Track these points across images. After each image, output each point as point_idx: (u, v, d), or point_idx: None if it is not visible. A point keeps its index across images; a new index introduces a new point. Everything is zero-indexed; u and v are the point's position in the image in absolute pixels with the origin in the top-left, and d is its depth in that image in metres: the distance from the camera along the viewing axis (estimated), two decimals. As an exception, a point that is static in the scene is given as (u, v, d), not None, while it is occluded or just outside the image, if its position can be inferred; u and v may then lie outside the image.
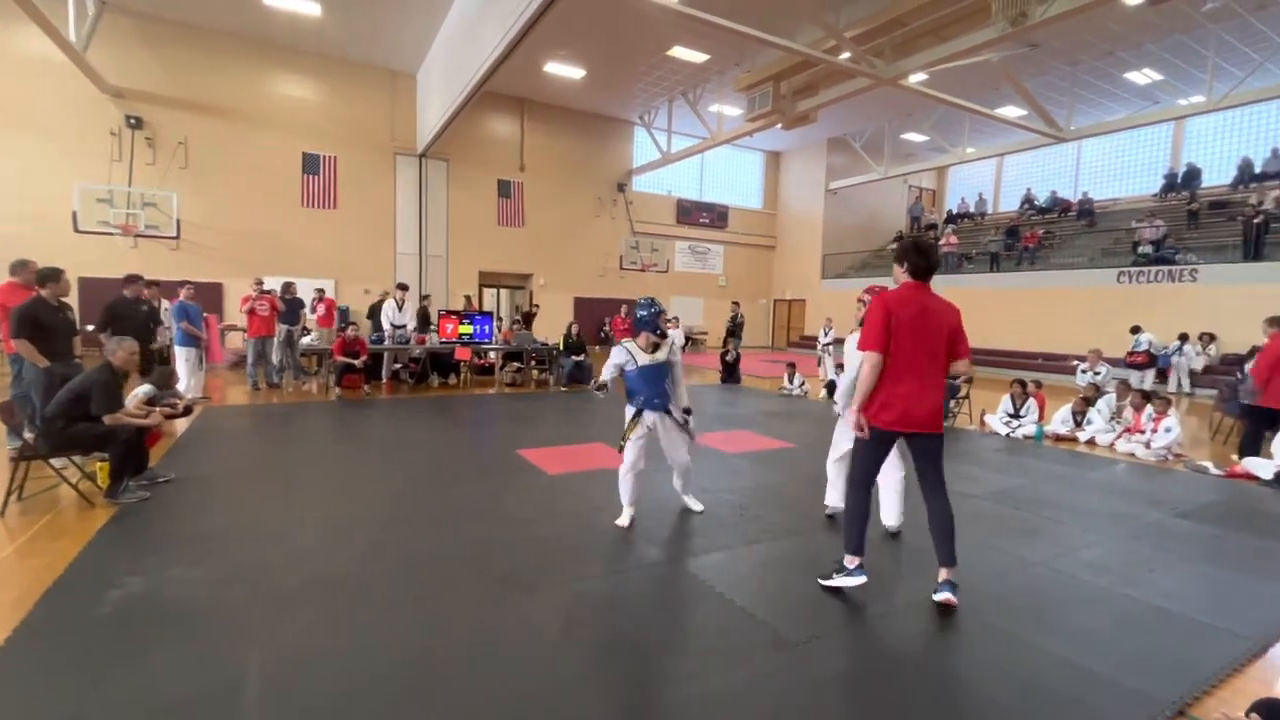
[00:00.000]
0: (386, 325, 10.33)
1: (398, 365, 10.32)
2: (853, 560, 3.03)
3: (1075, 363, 10.75)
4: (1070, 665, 2.49)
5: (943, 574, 2.89)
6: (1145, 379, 10.82)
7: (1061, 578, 3.38)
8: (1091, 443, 7.11)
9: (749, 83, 13.35)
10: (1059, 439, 7.33)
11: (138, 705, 2.07)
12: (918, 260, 2.91)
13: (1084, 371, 9.47)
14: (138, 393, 4.79)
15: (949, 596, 2.83)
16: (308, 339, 10.31)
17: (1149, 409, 6.79)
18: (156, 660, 2.32)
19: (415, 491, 4.67)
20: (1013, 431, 7.41)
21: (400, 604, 2.84)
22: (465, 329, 10.38)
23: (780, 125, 14.17)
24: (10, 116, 11.89)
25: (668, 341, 3.93)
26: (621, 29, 12.50)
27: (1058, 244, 16.99)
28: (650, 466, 4.08)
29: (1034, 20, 8.74)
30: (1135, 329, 11.71)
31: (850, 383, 3.73)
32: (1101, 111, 16.33)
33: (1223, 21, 11.81)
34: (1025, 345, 14.94)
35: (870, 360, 2.84)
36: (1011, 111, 15.35)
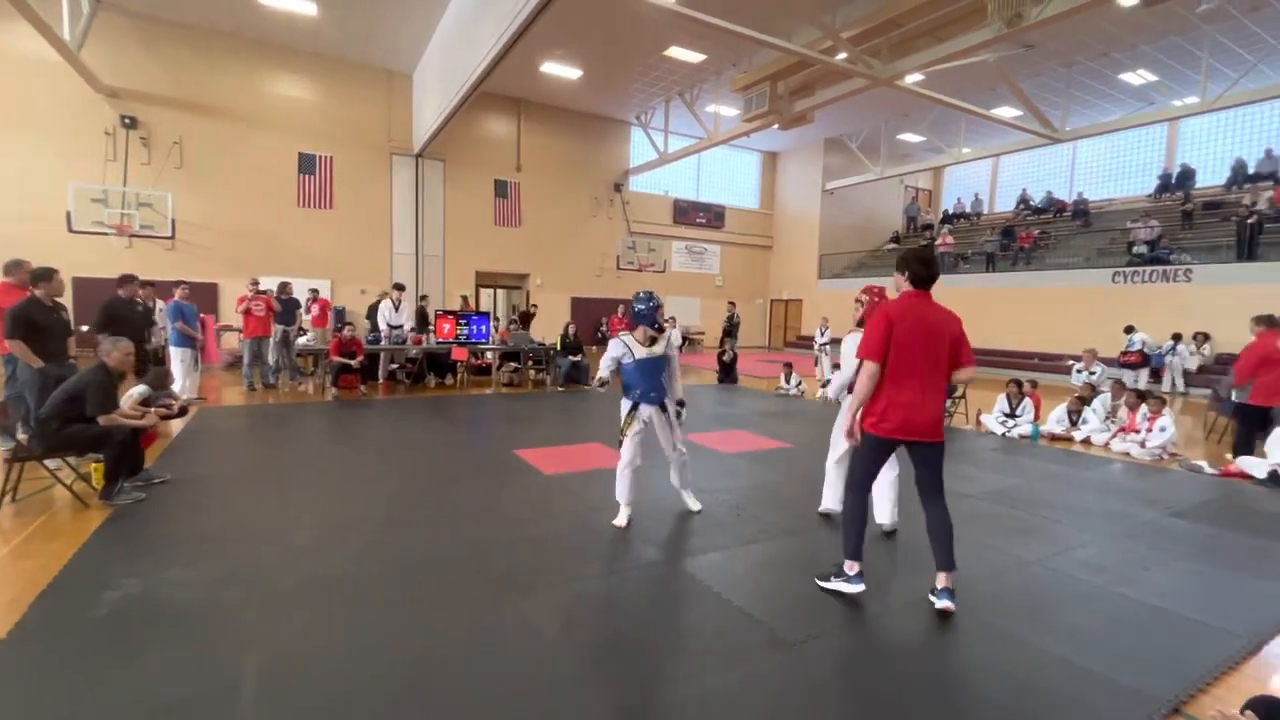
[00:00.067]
0: (383, 325, 10.31)
1: (394, 365, 10.30)
2: (853, 566, 3.01)
3: (1071, 362, 10.80)
4: (1066, 664, 2.50)
5: (941, 580, 2.89)
6: (1139, 379, 10.88)
7: (1057, 577, 3.39)
8: (1087, 442, 7.14)
9: (746, 83, 13.36)
10: (1054, 438, 7.35)
11: (134, 707, 2.06)
12: (919, 270, 2.92)
13: (1079, 371, 9.51)
14: (132, 393, 4.76)
15: (948, 604, 2.83)
16: (304, 339, 10.29)
17: (1144, 408, 6.82)
18: (153, 662, 2.31)
19: (412, 492, 4.66)
20: (1008, 431, 7.43)
21: (397, 604, 2.83)
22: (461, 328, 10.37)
23: (777, 125, 14.18)
24: (4, 116, 11.84)
25: (665, 335, 3.95)
26: (618, 29, 12.50)
27: (1053, 244, 17.04)
28: (647, 464, 4.09)
29: (1029, 21, 8.77)
30: (1129, 329, 11.77)
31: (845, 379, 3.80)
32: (1096, 112, 16.40)
33: (1217, 23, 11.86)
34: (1021, 345, 15.00)
35: (867, 369, 2.86)
36: (1007, 112, 15.40)
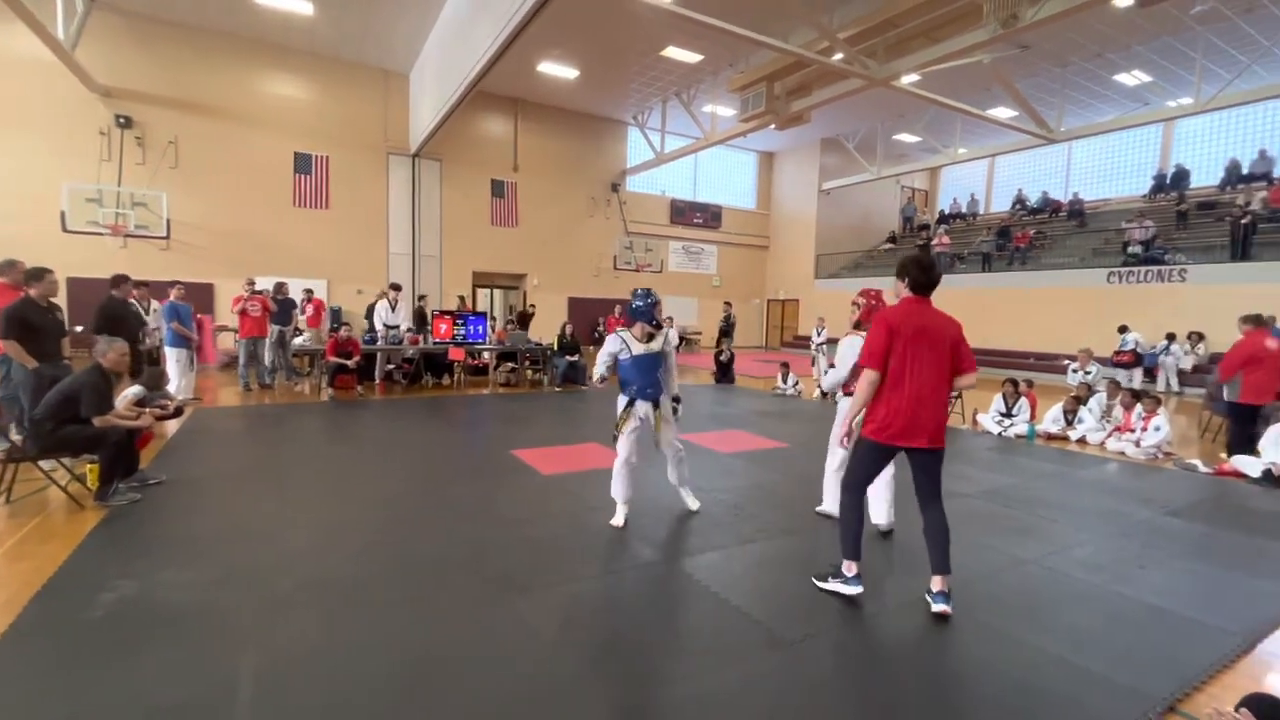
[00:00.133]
0: (379, 325, 10.29)
1: (391, 366, 10.28)
2: (850, 567, 3.02)
3: (1066, 362, 10.84)
4: (1063, 663, 2.51)
5: (937, 583, 2.88)
6: (1133, 378, 10.93)
7: (1054, 576, 3.40)
8: (1082, 441, 7.16)
9: (742, 83, 13.36)
10: (1050, 438, 7.37)
11: (130, 709, 2.06)
12: (919, 276, 2.93)
13: (1075, 371, 9.55)
14: (127, 394, 4.74)
15: (945, 608, 2.83)
16: (300, 339, 10.26)
17: (1139, 408, 6.86)
18: (149, 663, 2.30)
19: (409, 492, 4.65)
20: (1005, 430, 7.46)
21: (395, 605, 2.82)
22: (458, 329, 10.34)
23: (773, 126, 14.18)
24: (-2, 115, 11.77)
25: (662, 332, 3.96)
26: (615, 29, 12.50)
27: (1049, 244, 17.10)
28: (643, 463, 4.09)
29: (1025, 22, 8.79)
30: (1123, 328, 11.84)
31: (839, 379, 3.89)
32: (1092, 113, 16.46)
33: (1211, 24, 11.91)
34: (1017, 345, 15.03)
35: (867, 377, 2.88)
36: (1003, 112, 15.44)
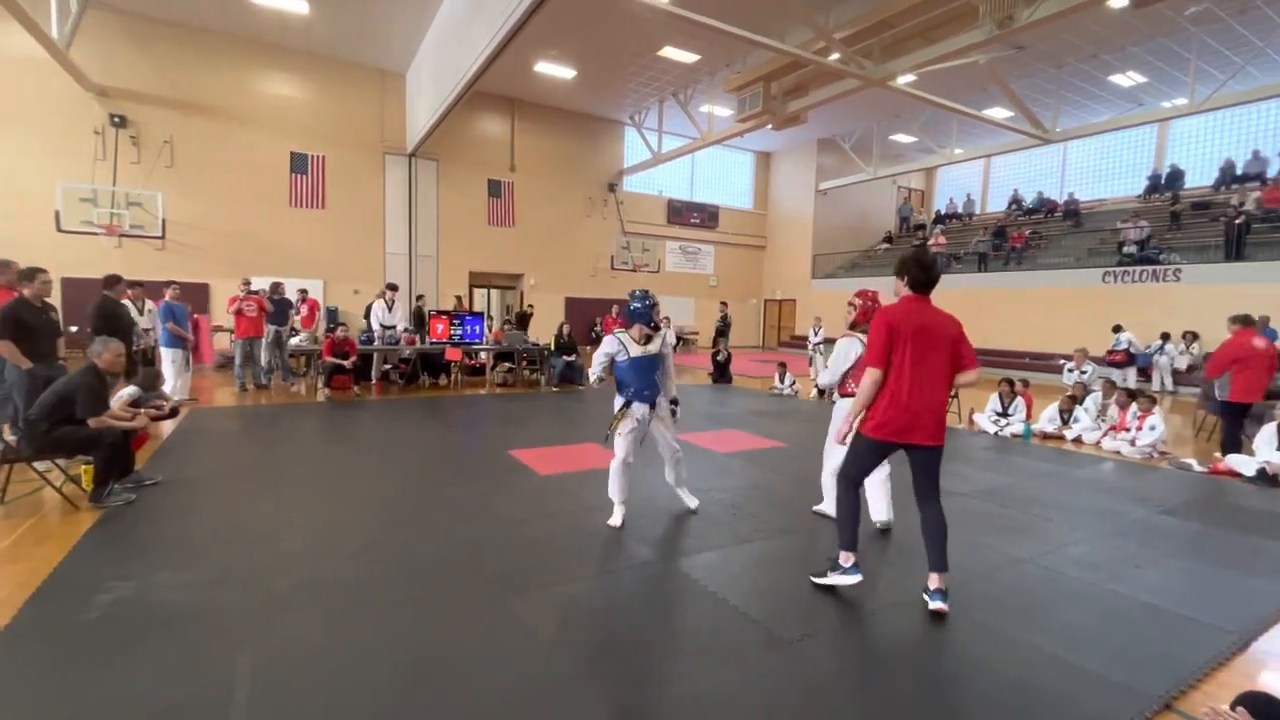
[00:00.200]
0: (376, 325, 10.27)
1: (387, 366, 10.26)
2: (848, 558, 3.06)
3: (1062, 362, 10.86)
4: (1059, 661, 2.52)
5: (934, 581, 2.89)
6: (1127, 377, 10.97)
7: (1049, 574, 3.42)
8: (1078, 441, 7.19)
9: (739, 83, 13.37)
10: (1046, 437, 7.40)
11: (126, 710, 2.05)
12: (918, 274, 2.95)
13: (1070, 370, 9.57)
14: (123, 395, 4.73)
15: (941, 606, 2.84)
16: (296, 339, 10.23)
17: (1134, 407, 6.89)
18: (145, 664, 2.29)
19: (406, 493, 4.64)
20: (1001, 430, 7.48)
21: (392, 606, 2.82)
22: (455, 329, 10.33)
23: (770, 126, 14.19)
24: (-9, 114, 11.71)
25: (660, 334, 3.95)
26: (612, 29, 12.49)
27: (1045, 244, 17.15)
28: (641, 464, 4.09)
29: (1020, 23, 8.81)
30: (1117, 328, 11.89)
31: (833, 378, 3.95)
32: (1087, 113, 16.51)
33: (1205, 25, 11.97)
34: (1013, 344, 15.07)
35: (871, 376, 2.90)
36: (999, 113, 15.48)
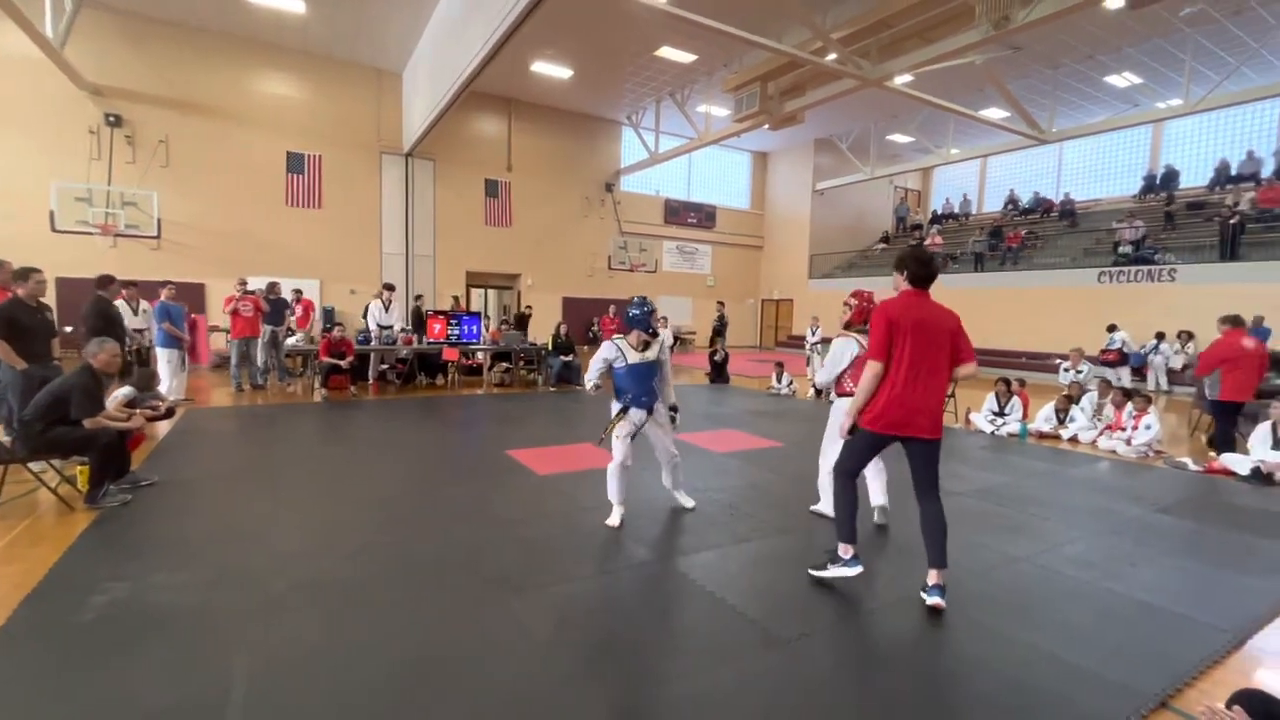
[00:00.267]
0: (372, 325, 10.26)
1: (384, 366, 10.24)
2: (847, 550, 3.10)
3: (1058, 361, 10.90)
4: (1055, 659, 2.53)
5: (933, 577, 2.91)
6: (1121, 377, 11.00)
7: (1046, 573, 3.43)
8: (1074, 440, 7.21)
9: (736, 83, 13.38)
10: (1042, 436, 7.43)
11: (123, 711, 2.04)
12: (917, 269, 2.97)
13: (1066, 370, 9.60)
14: (118, 395, 4.71)
15: (939, 601, 2.86)
16: (293, 340, 10.20)
17: (1130, 406, 6.91)
18: (142, 666, 2.29)
19: (403, 493, 4.63)
20: (997, 429, 7.50)
21: (390, 606, 2.81)
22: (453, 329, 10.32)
23: (767, 126, 14.21)
24: (-15, 113, 11.66)
25: (658, 340, 3.96)
26: (609, 29, 12.49)
27: (1041, 244, 17.21)
28: (638, 465, 4.09)
29: (1016, 23, 8.84)
30: (1111, 327, 11.95)
31: (829, 377, 3.98)
32: (1082, 114, 16.57)
33: (1200, 26, 12.02)
34: (1009, 344, 15.11)
35: (872, 369, 2.92)
36: (995, 113, 15.53)
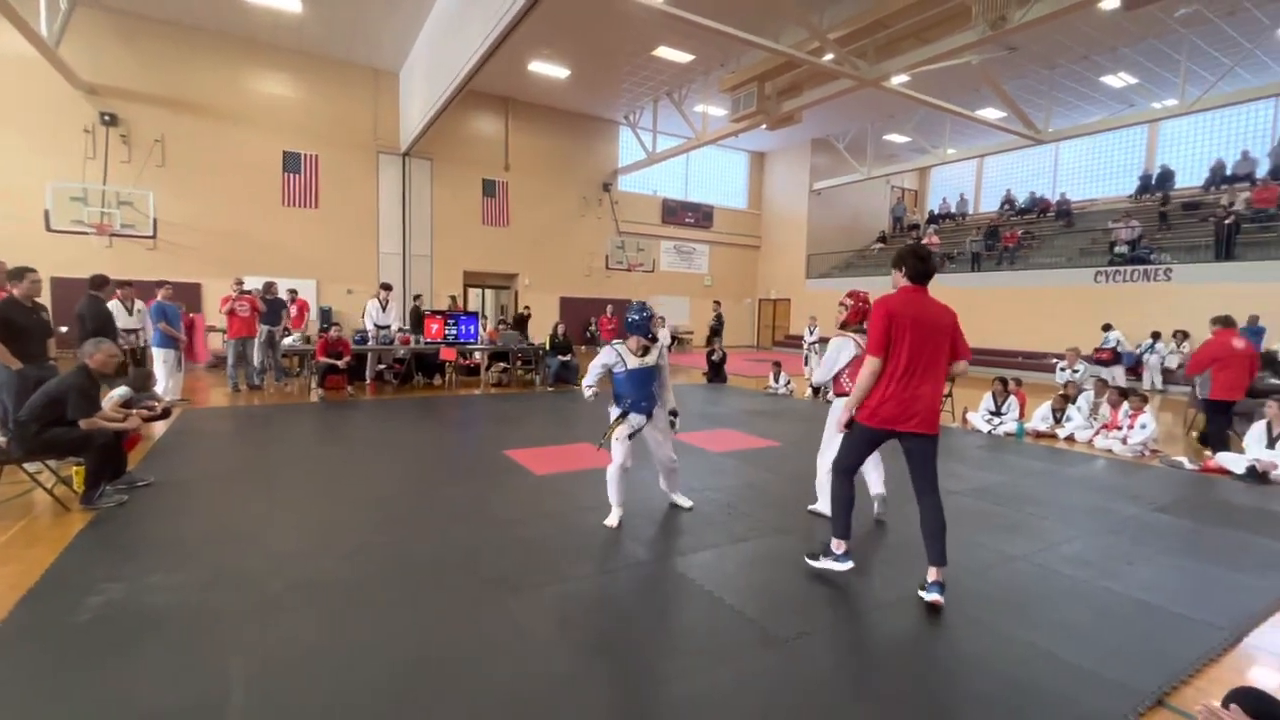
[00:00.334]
0: (370, 325, 10.23)
1: (382, 366, 10.22)
2: (840, 545, 3.17)
3: (1054, 361, 10.94)
4: (1053, 658, 2.54)
5: (932, 574, 2.92)
6: (1115, 375, 11.03)
7: (1043, 572, 3.44)
8: (1071, 439, 7.23)
9: (734, 83, 13.38)
10: (1039, 436, 7.45)
11: (120, 712, 2.03)
12: (916, 265, 2.99)
13: (1063, 369, 9.63)
14: (114, 395, 4.69)
15: (938, 598, 2.87)
16: (289, 340, 10.18)
17: (1126, 406, 6.93)
18: (138, 667, 2.28)
19: (401, 493, 4.62)
20: (994, 429, 7.52)
21: (388, 607, 2.81)
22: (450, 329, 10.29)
23: (765, 126, 14.22)
24: (-21, 113, 11.59)
25: (657, 345, 3.99)
26: (606, 29, 12.48)
27: (1037, 244, 17.25)
28: (636, 465, 4.10)
29: (1013, 24, 8.87)
30: (1107, 326, 12.00)
31: (828, 373, 4.04)
32: (1078, 114, 16.61)
33: (1195, 27, 12.07)
34: (1006, 344, 15.15)
35: (870, 365, 2.93)
36: (991, 113, 15.56)
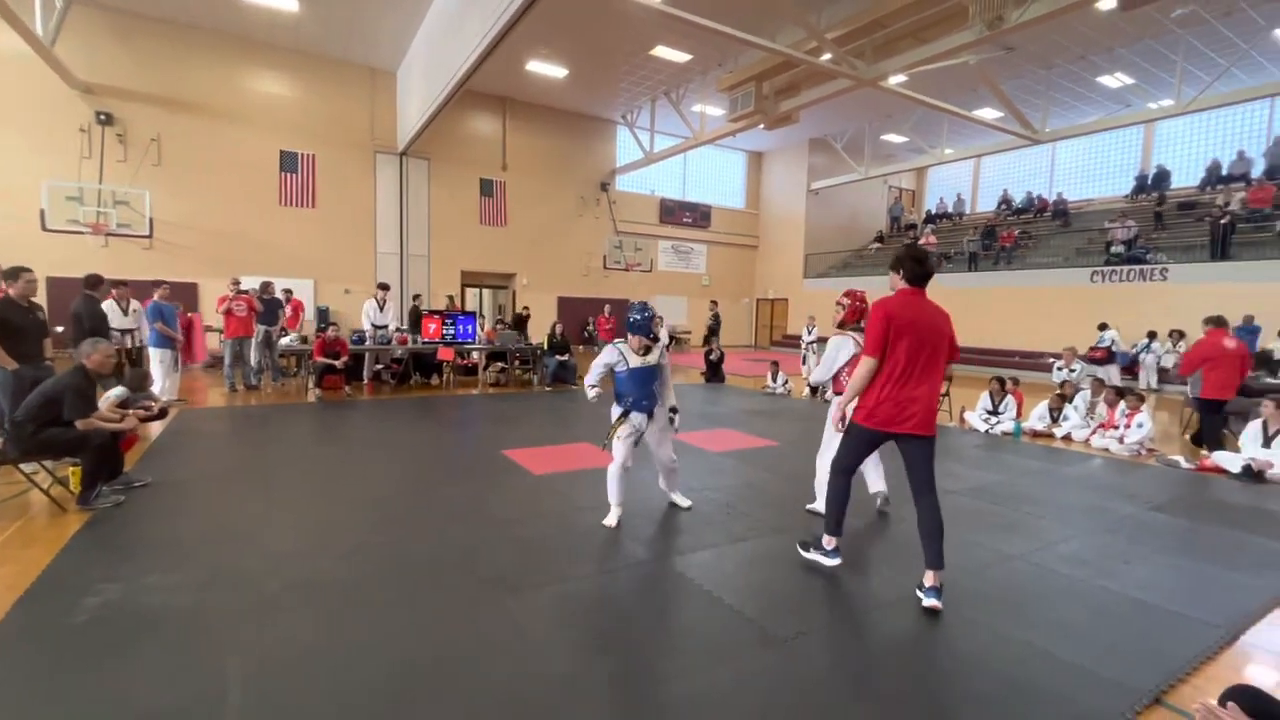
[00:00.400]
0: (367, 325, 10.22)
1: (379, 366, 10.21)
2: (830, 541, 3.25)
3: (1051, 360, 10.97)
4: (1050, 657, 2.54)
5: (929, 579, 2.92)
6: (1110, 375, 11.08)
7: (1040, 571, 3.44)
8: (1068, 439, 7.25)
9: (731, 83, 13.39)
10: (1036, 435, 7.46)
11: (118, 713, 2.03)
12: (914, 268, 3.00)
13: (1060, 369, 9.66)
14: (110, 395, 4.67)
15: (935, 603, 2.87)
16: (286, 340, 10.15)
17: (1122, 405, 6.96)
18: (136, 667, 2.27)
19: (399, 493, 4.62)
20: (991, 428, 7.54)
21: (386, 607, 2.80)
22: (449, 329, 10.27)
23: (762, 125, 14.24)
24: (-26, 112, 11.54)
25: (659, 345, 4.01)
26: (604, 28, 12.47)
27: (1034, 244, 17.29)
28: (636, 466, 4.10)
29: (1010, 24, 8.89)
30: (1102, 326, 12.05)
31: (827, 372, 4.08)
32: (1075, 114, 16.66)
33: (1191, 27, 12.11)
34: (1003, 343, 15.20)
35: (866, 365, 2.96)
36: (988, 113, 15.59)
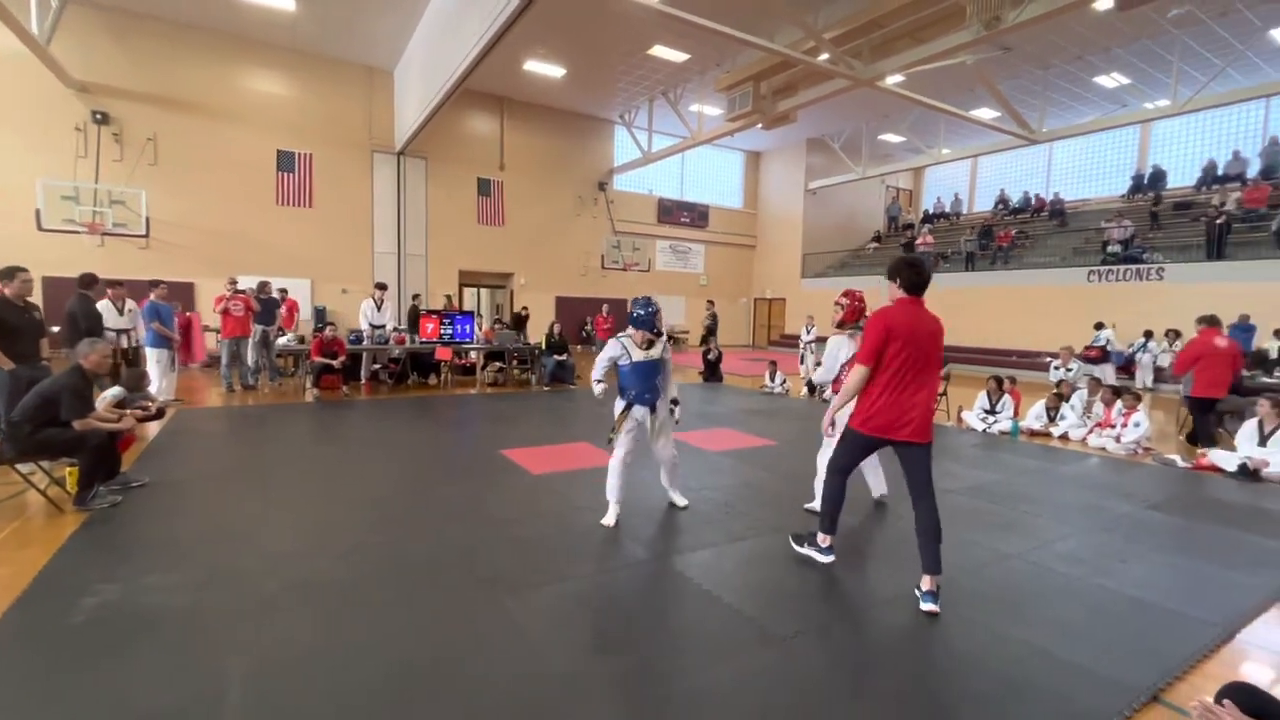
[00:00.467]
0: (365, 325, 10.20)
1: (377, 365, 10.19)
2: (825, 539, 3.36)
3: (1048, 360, 10.99)
4: (1048, 656, 2.55)
5: (926, 582, 2.92)
6: (1105, 373, 11.11)
7: (1037, 570, 3.46)
8: (1065, 438, 7.26)
9: (729, 83, 13.40)
10: (1033, 434, 7.48)
11: (116, 714, 2.02)
12: (912, 277, 3.02)
13: (1057, 368, 9.68)
14: (107, 395, 4.66)
15: (933, 607, 2.88)
16: (283, 340, 10.14)
17: (1119, 404, 6.98)
18: (134, 668, 2.27)
19: (397, 493, 4.61)
20: (989, 427, 7.55)
21: (384, 607, 2.80)
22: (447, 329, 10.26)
23: (760, 125, 14.25)
24: (-31, 111, 11.49)
25: (662, 339, 4.03)
26: (602, 28, 12.47)
27: (1031, 244, 17.33)
28: (636, 465, 4.11)
29: (1007, 24, 8.91)
30: (1099, 325, 12.08)
31: (829, 372, 4.15)
32: (1072, 114, 16.71)
33: (1187, 27, 12.15)
34: (1000, 343, 15.23)
35: (859, 372, 3.00)
36: (985, 113, 15.62)
